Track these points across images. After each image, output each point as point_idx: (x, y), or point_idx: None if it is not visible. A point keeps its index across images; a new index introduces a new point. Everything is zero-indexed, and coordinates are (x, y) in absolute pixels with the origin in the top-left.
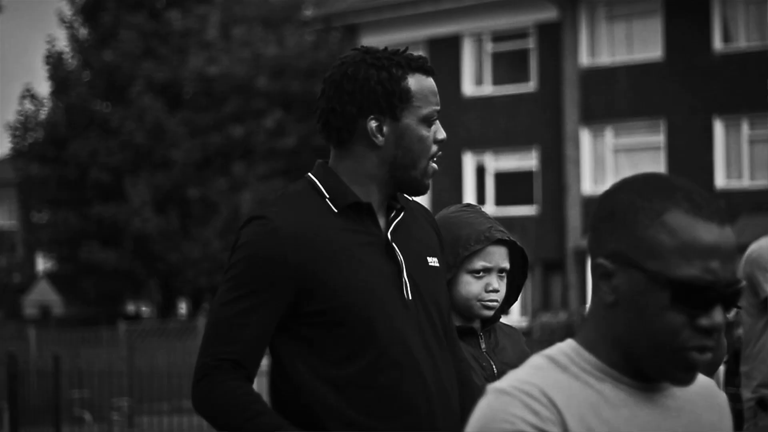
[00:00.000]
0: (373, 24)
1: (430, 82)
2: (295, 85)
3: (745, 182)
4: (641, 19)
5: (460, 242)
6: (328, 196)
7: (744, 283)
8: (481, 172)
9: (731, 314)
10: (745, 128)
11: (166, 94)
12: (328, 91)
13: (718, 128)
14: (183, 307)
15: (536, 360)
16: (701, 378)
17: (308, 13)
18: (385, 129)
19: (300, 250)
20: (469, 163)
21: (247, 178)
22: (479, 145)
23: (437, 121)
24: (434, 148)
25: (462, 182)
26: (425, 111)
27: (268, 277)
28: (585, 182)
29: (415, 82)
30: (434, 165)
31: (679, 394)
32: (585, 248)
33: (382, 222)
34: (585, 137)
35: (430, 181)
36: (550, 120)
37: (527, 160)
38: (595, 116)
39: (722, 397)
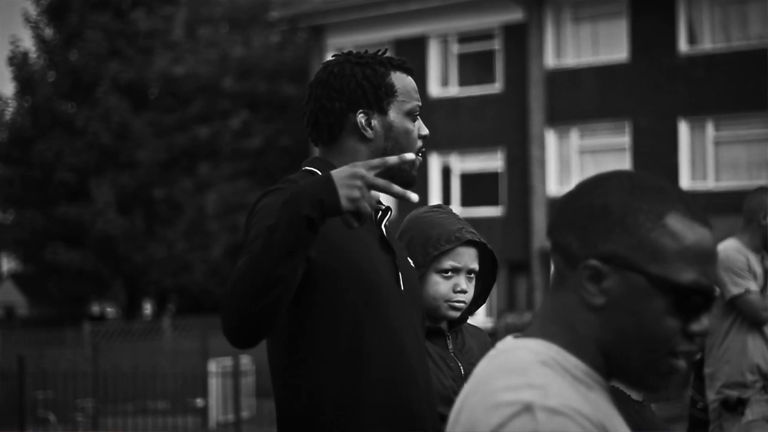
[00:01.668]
0: (339, 25)
1: (411, 80)
2: (261, 85)
3: (710, 183)
4: (607, 21)
5: (431, 241)
6: None
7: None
8: (446, 173)
9: None
10: (710, 130)
11: (131, 94)
12: (316, 91)
13: (684, 130)
14: (148, 308)
15: (536, 367)
16: None
17: (274, 13)
18: (373, 122)
19: None
20: (434, 164)
21: (213, 179)
22: (445, 146)
23: (419, 118)
24: (419, 142)
25: (428, 183)
26: (409, 105)
27: None
28: (550, 183)
29: (397, 79)
30: (420, 157)
31: None
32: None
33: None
34: (550, 138)
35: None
36: (516, 121)
37: (493, 161)
38: (560, 117)
39: None
